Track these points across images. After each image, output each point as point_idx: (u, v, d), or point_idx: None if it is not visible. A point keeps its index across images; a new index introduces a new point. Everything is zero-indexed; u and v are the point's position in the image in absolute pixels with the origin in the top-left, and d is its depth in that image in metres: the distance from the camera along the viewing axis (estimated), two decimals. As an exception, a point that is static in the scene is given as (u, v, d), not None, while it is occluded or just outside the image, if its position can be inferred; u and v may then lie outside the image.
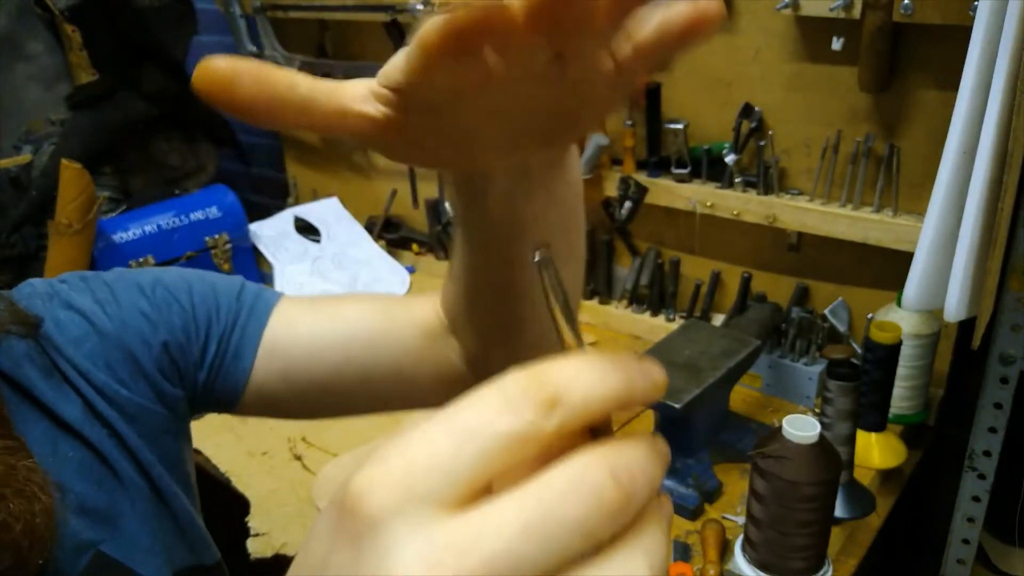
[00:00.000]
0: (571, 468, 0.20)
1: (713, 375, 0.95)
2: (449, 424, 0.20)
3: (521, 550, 0.19)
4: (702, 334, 1.04)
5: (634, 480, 0.21)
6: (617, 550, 0.20)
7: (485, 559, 0.19)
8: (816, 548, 0.80)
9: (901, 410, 1.04)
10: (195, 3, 1.67)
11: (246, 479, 1.01)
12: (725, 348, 1.00)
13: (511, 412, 0.20)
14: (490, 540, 0.19)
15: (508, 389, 0.21)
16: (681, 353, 0.99)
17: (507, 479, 0.20)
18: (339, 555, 0.21)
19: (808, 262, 1.18)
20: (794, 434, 0.76)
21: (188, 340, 0.56)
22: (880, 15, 0.94)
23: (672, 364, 0.97)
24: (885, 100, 1.03)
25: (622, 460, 0.21)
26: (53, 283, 0.54)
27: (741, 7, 1.11)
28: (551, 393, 0.20)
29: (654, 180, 1.24)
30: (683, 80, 1.20)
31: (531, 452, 0.20)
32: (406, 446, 0.20)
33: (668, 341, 1.04)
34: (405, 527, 0.19)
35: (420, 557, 0.19)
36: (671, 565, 0.84)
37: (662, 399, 0.89)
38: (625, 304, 1.38)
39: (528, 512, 0.19)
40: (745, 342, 1.02)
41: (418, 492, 0.19)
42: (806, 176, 1.13)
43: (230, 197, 1.54)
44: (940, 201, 0.76)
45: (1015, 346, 0.72)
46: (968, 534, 0.81)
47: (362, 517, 0.20)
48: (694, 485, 0.94)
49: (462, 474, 0.20)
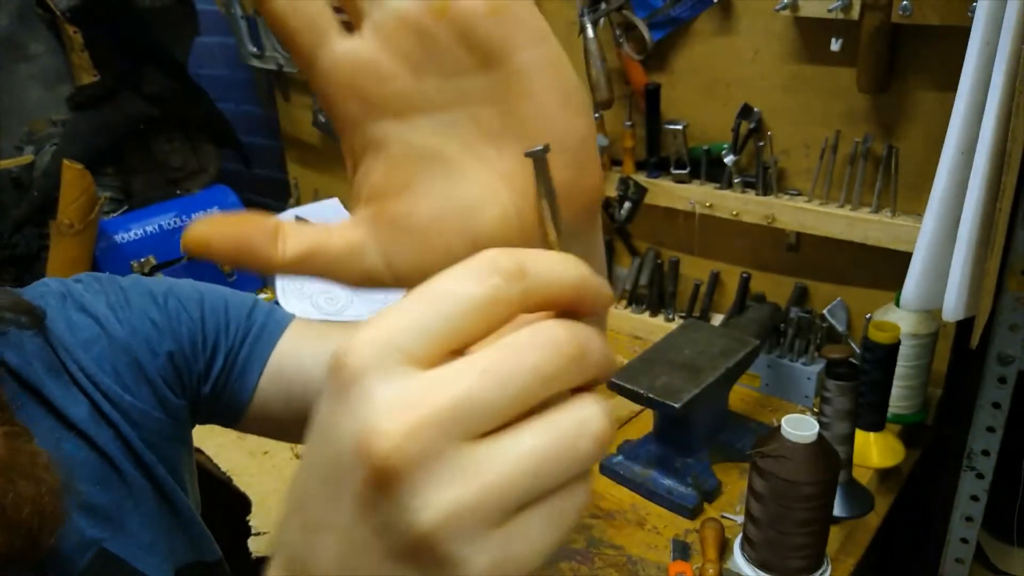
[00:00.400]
0: (532, 327, 0.22)
1: (712, 375, 0.94)
2: (424, 292, 0.23)
3: (482, 391, 0.21)
4: (701, 334, 1.04)
5: (589, 340, 0.23)
6: (575, 401, 0.23)
7: (450, 400, 0.21)
8: (815, 547, 0.80)
9: (899, 410, 1.04)
10: (196, 4, 1.67)
11: (247, 478, 1.02)
12: (724, 348, 1.00)
13: (479, 279, 0.22)
14: (454, 383, 0.21)
15: (480, 262, 0.23)
16: (681, 352, 0.99)
17: (483, 347, 0.22)
18: (328, 409, 0.23)
19: (807, 262, 1.19)
20: (793, 433, 0.76)
21: (194, 352, 0.57)
22: (879, 16, 0.94)
23: (671, 364, 0.97)
24: (883, 101, 1.03)
25: (579, 327, 0.23)
26: (68, 283, 0.55)
27: (740, 8, 1.11)
28: (517, 265, 0.22)
29: (653, 181, 1.24)
30: (682, 81, 1.21)
31: (499, 318, 0.22)
32: (386, 313, 0.23)
33: (667, 340, 1.04)
34: (381, 377, 0.21)
35: (392, 400, 0.21)
36: (671, 564, 0.84)
37: (661, 398, 0.90)
38: (625, 304, 1.38)
39: (490, 359, 0.22)
40: (744, 342, 1.02)
41: (394, 347, 0.22)
42: (805, 176, 1.13)
43: (231, 198, 1.54)
44: (938, 201, 0.76)
45: (1013, 346, 0.73)
46: (966, 533, 0.82)
47: (345, 372, 0.22)
48: (693, 484, 0.94)
49: (434, 332, 0.22)
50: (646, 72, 1.22)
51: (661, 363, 0.97)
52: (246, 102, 2.07)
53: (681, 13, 1.16)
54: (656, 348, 1.02)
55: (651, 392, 0.91)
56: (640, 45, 1.18)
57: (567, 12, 1.28)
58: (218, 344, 0.58)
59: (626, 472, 0.98)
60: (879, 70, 0.99)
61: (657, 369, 0.96)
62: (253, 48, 1.65)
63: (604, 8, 1.18)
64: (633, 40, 1.19)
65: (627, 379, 0.95)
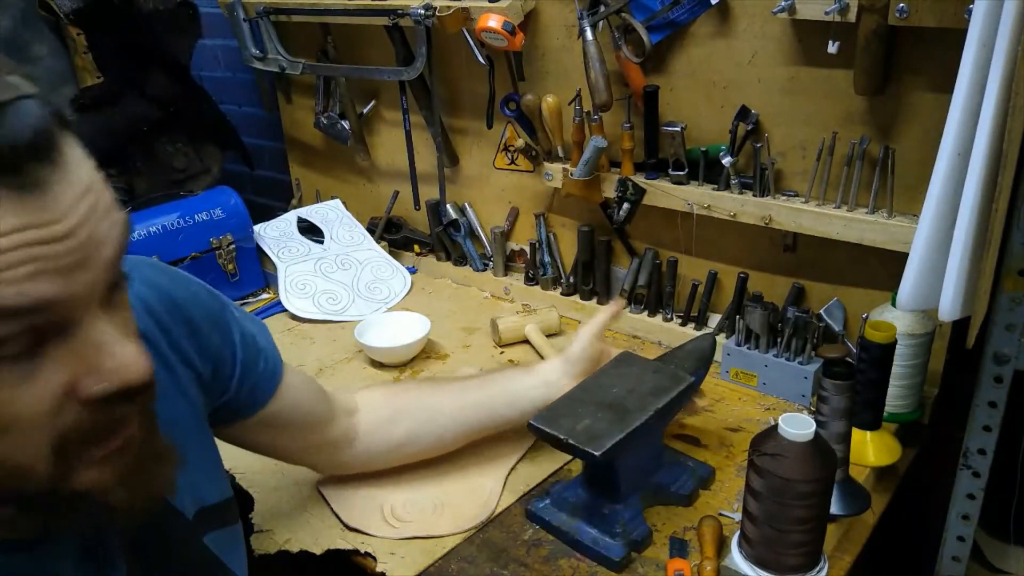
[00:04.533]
0: None
1: (639, 417, 0.86)
2: None
3: None
4: (634, 369, 0.95)
5: None
6: None
7: None
8: (812, 545, 0.81)
9: (896, 408, 1.05)
10: (199, 7, 1.68)
11: (250, 476, 1.02)
12: (656, 385, 0.91)
13: None
14: None
15: None
16: (609, 391, 0.91)
17: None
18: None
19: (804, 262, 1.20)
20: (790, 432, 0.77)
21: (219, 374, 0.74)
22: (875, 18, 0.95)
23: (598, 404, 0.88)
24: (880, 103, 1.04)
25: None
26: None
27: (738, 11, 1.12)
28: None
29: (652, 182, 1.25)
30: (680, 83, 1.22)
31: None
32: None
33: (598, 376, 0.95)
34: None
35: None
36: (669, 561, 0.85)
37: (582, 445, 0.82)
38: (624, 304, 1.39)
39: None
40: (677, 378, 0.93)
41: None
42: (802, 178, 1.14)
43: (234, 198, 1.55)
44: (934, 202, 0.77)
45: (1009, 345, 0.73)
46: (963, 531, 0.82)
47: None
48: (621, 534, 0.86)
49: None
50: (645, 74, 1.23)
51: (587, 403, 0.89)
52: (248, 104, 2.08)
53: (679, 16, 1.17)
54: (585, 385, 0.93)
55: (571, 437, 0.83)
56: (639, 48, 1.19)
57: (567, 15, 1.29)
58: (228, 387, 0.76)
59: (552, 519, 0.91)
60: (876, 72, 1.00)
61: (583, 410, 0.87)
62: (255, 51, 1.66)
63: (603, 11, 1.19)
64: (632, 43, 1.20)
65: (548, 422, 0.86)
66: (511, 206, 1.54)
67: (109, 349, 0.44)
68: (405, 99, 1.53)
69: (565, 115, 1.32)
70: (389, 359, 1.31)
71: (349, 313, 1.49)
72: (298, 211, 1.69)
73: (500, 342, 1.35)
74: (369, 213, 1.75)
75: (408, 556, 0.88)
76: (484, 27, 1.27)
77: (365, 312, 1.49)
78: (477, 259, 1.59)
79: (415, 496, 0.96)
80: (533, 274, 1.51)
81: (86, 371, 0.44)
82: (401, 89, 1.52)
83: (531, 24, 1.33)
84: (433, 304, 1.53)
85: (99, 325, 0.44)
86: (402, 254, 1.70)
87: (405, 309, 1.48)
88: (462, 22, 1.33)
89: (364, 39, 1.59)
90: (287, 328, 1.45)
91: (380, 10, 1.43)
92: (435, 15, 1.34)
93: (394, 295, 1.57)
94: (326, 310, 1.49)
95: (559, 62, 1.34)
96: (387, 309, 1.52)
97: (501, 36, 1.26)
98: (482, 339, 1.39)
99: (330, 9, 1.52)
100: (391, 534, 0.91)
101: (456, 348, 1.37)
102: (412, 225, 1.72)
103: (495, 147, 1.51)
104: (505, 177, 1.52)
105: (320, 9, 1.54)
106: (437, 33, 1.38)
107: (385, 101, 1.65)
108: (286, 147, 1.93)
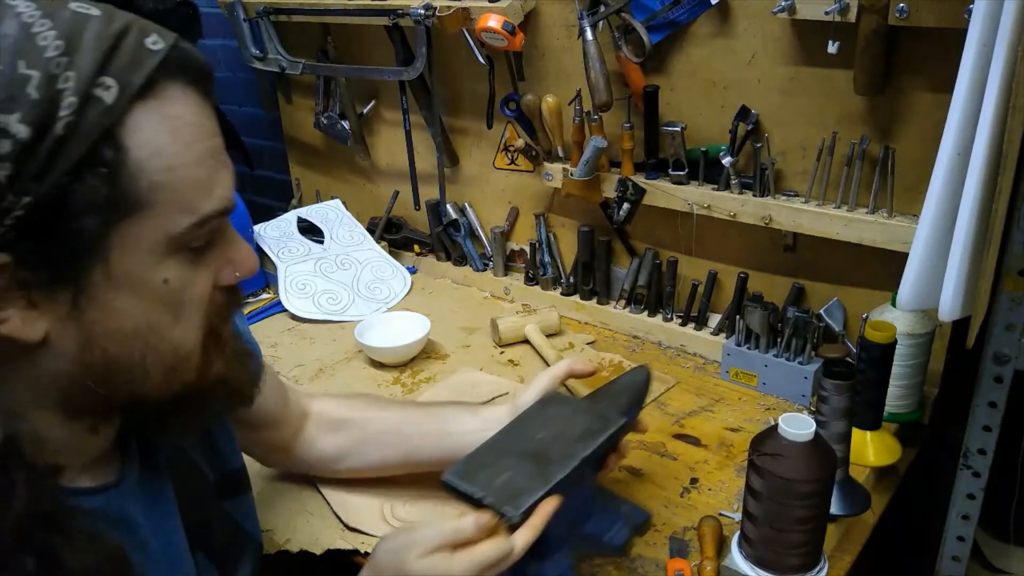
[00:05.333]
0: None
1: (564, 468, 0.76)
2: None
3: None
4: (563, 410, 0.86)
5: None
6: None
7: None
8: (812, 545, 0.81)
9: (896, 408, 1.05)
10: (199, 7, 1.68)
11: (251, 476, 1.02)
12: (585, 429, 0.82)
13: None
14: None
15: None
16: (533, 438, 0.81)
17: None
18: None
19: (804, 262, 1.20)
20: (790, 432, 0.77)
21: None
22: (875, 18, 0.95)
23: (520, 454, 0.79)
24: (880, 103, 1.04)
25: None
26: None
27: (738, 11, 1.12)
28: None
29: (652, 182, 1.25)
30: (680, 83, 1.22)
31: None
32: None
33: (522, 421, 0.85)
34: None
35: None
36: (669, 561, 0.85)
37: (498, 505, 0.73)
38: (623, 304, 1.39)
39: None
40: (608, 420, 0.83)
41: None
42: (802, 178, 1.14)
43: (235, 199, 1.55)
44: (934, 202, 0.77)
45: (1009, 346, 0.73)
46: (963, 531, 0.82)
47: None
48: None
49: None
50: (645, 74, 1.23)
51: (509, 452, 0.79)
52: (248, 104, 2.08)
53: (679, 16, 1.17)
54: (507, 431, 0.84)
55: (488, 495, 0.73)
56: (639, 48, 1.19)
57: (567, 15, 1.29)
58: None
59: None
60: (876, 72, 1.00)
61: (504, 461, 0.77)
62: (255, 51, 1.66)
63: (603, 11, 1.19)
64: (632, 43, 1.20)
65: (465, 476, 0.76)
66: (511, 206, 1.54)
67: (237, 243, 0.58)
68: (405, 99, 1.53)
69: (565, 115, 1.32)
70: (389, 359, 1.31)
71: (349, 313, 1.49)
72: (298, 211, 1.69)
73: (500, 342, 1.35)
74: (369, 213, 1.75)
75: (408, 556, 0.88)
76: (484, 27, 1.27)
77: (365, 312, 1.49)
78: (477, 259, 1.59)
79: (415, 496, 0.96)
80: (533, 274, 1.51)
81: (227, 261, 0.57)
82: (401, 89, 1.52)
83: (531, 24, 1.33)
84: (433, 304, 1.53)
85: (228, 225, 0.57)
86: (402, 254, 1.70)
87: (405, 309, 1.48)
88: (462, 22, 1.33)
89: (364, 39, 1.59)
90: (287, 328, 1.45)
91: (380, 10, 1.43)
92: (435, 15, 1.34)
93: (394, 295, 1.57)
94: (326, 310, 1.49)
95: (559, 62, 1.34)
96: (387, 309, 1.52)
97: (501, 36, 1.26)
98: (482, 339, 1.39)
99: (330, 9, 1.52)
100: (391, 534, 0.91)
101: (456, 348, 1.37)
102: (412, 225, 1.72)
103: (495, 147, 1.51)
104: (505, 177, 1.52)
105: (320, 9, 1.54)
106: (437, 33, 1.38)
107: (385, 101, 1.65)
108: (286, 147, 1.93)
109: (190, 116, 0.51)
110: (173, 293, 0.53)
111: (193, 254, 0.53)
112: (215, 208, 0.53)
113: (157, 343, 0.53)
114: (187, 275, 0.53)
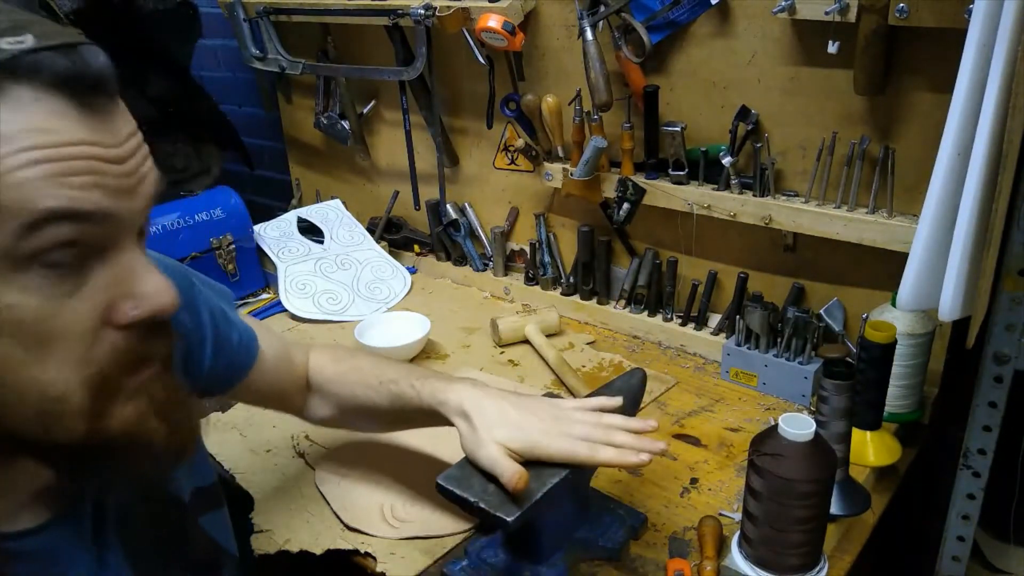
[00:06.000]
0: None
1: (557, 475, 0.76)
2: None
3: None
4: None
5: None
6: None
7: None
8: (812, 545, 0.81)
9: (896, 408, 1.05)
10: (199, 7, 1.68)
11: (250, 476, 1.02)
12: None
13: None
14: None
15: None
16: None
17: None
18: None
19: (804, 262, 1.20)
20: (790, 432, 0.77)
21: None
22: (875, 18, 0.95)
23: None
24: (880, 103, 1.04)
25: None
26: None
27: (738, 11, 1.12)
28: None
29: (652, 182, 1.25)
30: (681, 83, 1.22)
31: None
32: None
33: None
34: None
35: None
36: (669, 561, 0.85)
37: (492, 510, 0.73)
38: (623, 304, 1.39)
39: None
40: None
41: None
42: (802, 178, 1.14)
43: (234, 198, 1.55)
44: (934, 202, 0.77)
45: (1009, 346, 0.73)
46: (963, 531, 0.82)
47: None
48: None
49: None
50: (645, 74, 1.23)
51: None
52: (248, 104, 2.08)
53: (679, 16, 1.17)
54: None
55: (482, 501, 0.73)
56: (639, 48, 1.19)
57: (567, 15, 1.29)
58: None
59: None
60: (876, 72, 1.00)
61: None
62: (255, 51, 1.66)
63: (603, 11, 1.19)
64: (632, 43, 1.20)
65: (458, 482, 0.76)
66: (511, 206, 1.54)
67: (143, 275, 0.48)
68: (405, 99, 1.53)
69: (565, 115, 1.32)
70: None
71: (349, 313, 1.49)
72: (298, 211, 1.69)
73: (500, 342, 1.35)
74: (369, 213, 1.75)
75: (408, 556, 0.88)
76: (484, 27, 1.27)
77: (365, 312, 1.49)
78: (477, 259, 1.59)
79: (415, 496, 0.96)
80: (533, 274, 1.51)
81: (123, 296, 0.48)
82: (401, 89, 1.52)
83: (531, 24, 1.33)
84: (433, 304, 1.53)
85: (136, 254, 0.49)
86: (402, 254, 1.70)
87: (405, 309, 1.48)
88: (462, 22, 1.33)
89: (364, 39, 1.59)
90: (287, 328, 1.45)
91: (380, 10, 1.43)
92: (435, 15, 1.34)
93: (394, 295, 1.57)
94: (326, 310, 1.49)
95: (559, 62, 1.34)
96: (387, 309, 1.52)
97: (501, 36, 1.26)
98: (482, 339, 1.39)
99: (330, 9, 1.52)
100: (391, 534, 0.91)
101: (456, 348, 1.37)
102: (412, 225, 1.72)
103: (495, 147, 1.51)
104: (505, 177, 1.52)
105: (320, 9, 1.54)
106: (437, 33, 1.38)
107: (385, 101, 1.65)
108: (286, 147, 1.93)
109: (39, 121, 0.43)
110: (23, 324, 0.44)
111: (57, 278, 0.44)
112: (50, 206, 0.43)
113: (13, 380, 0.45)
114: (45, 304, 0.44)
